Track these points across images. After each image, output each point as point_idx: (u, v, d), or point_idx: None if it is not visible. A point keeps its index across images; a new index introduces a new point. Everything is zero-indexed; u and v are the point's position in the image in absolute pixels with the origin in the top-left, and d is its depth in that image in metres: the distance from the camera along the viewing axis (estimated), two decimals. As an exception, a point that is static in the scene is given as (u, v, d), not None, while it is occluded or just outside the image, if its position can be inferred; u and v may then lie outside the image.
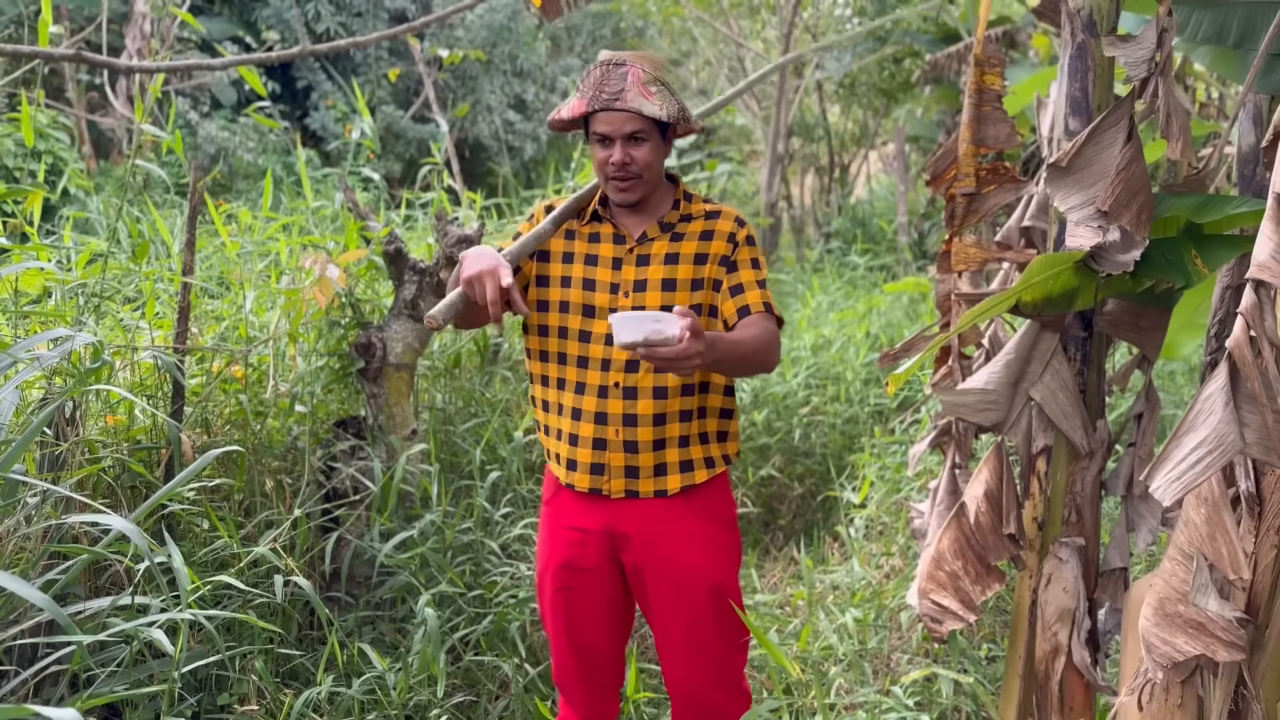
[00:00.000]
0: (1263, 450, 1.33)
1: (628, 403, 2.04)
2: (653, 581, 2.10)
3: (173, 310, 3.05)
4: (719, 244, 2.07)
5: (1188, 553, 1.42)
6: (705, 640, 2.09)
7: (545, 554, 2.17)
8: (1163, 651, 1.45)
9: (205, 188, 2.91)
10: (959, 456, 2.32)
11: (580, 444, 2.07)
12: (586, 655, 2.18)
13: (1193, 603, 1.42)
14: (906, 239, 8.54)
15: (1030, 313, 1.88)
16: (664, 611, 2.10)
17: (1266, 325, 1.32)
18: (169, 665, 2.00)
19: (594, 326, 2.05)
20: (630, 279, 2.05)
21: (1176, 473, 1.34)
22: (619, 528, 2.09)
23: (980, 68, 2.07)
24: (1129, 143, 1.77)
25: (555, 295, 2.09)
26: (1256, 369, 1.30)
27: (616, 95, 1.96)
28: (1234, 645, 1.41)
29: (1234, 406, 1.34)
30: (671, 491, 2.08)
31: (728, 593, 2.11)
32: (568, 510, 2.14)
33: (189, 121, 9.37)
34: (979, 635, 3.15)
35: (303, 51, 3.10)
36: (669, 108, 1.98)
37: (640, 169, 2.01)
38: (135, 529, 1.80)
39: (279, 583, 2.50)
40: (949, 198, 2.20)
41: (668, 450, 2.07)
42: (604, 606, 2.15)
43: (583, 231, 2.11)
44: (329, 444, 3.13)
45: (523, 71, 11.68)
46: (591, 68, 2.03)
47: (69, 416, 2.40)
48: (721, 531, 2.14)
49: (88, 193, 7.15)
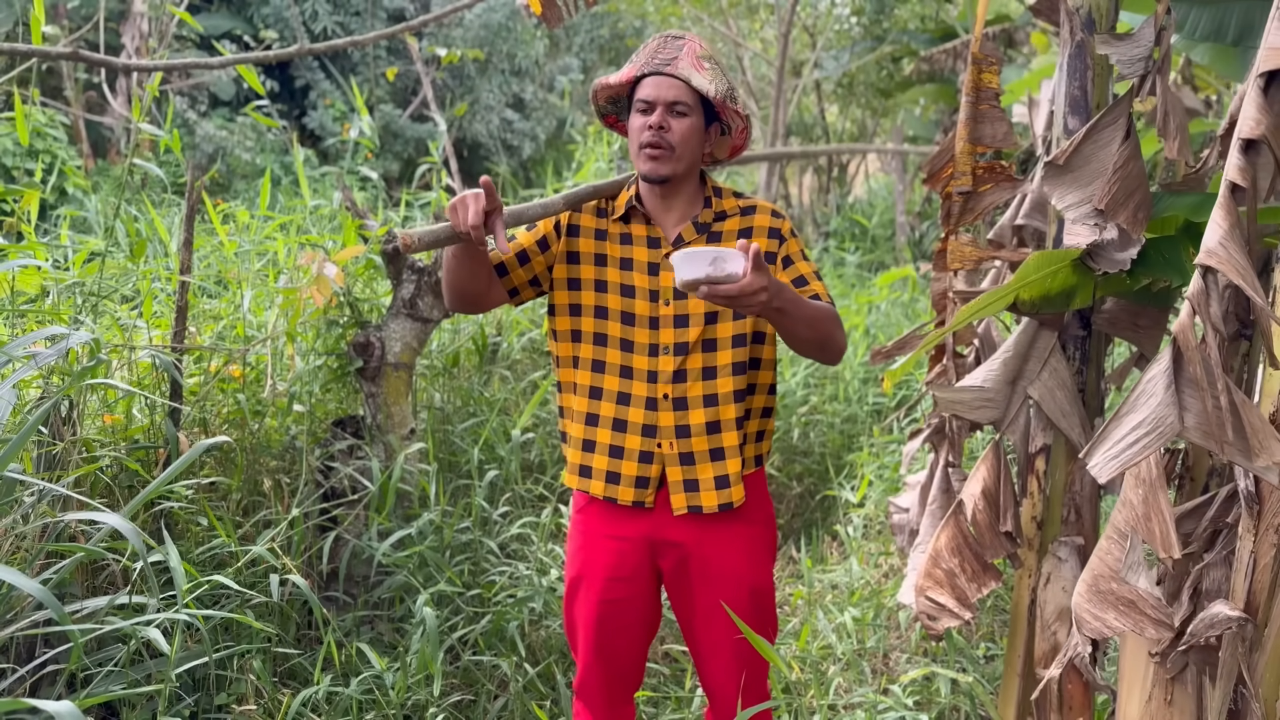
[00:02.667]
0: (1200, 435, 1.34)
1: (679, 414, 1.97)
2: (700, 587, 2.04)
3: (170, 309, 3.05)
4: (760, 241, 1.98)
5: (1124, 531, 1.44)
6: (744, 642, 2.04)
7: (583, 563, 2.09)
8: (1093, 626, 1.48)
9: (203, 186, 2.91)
10: (952, 455, 2.32)
11: (626, 456, 1.99)
12: (616, 663, 2.13)
13: (1124, 580, 1.44)
14: (905, 238, 8.54)
15: (1028, 311, 1.88)
16: (708, 616, 2.06)
17: (1212, 312, 1.33)
18: (166, 665, 1.99)
19: (635, 335, 1.98)
20: (669, 285, 1.97)
21: (1114, 451, 1.36)
22: (663, 535, 2.03)
23: (978, 66, 2.07)
24: (1126, 141, 1.77)
25: (589, 299, 2.01)
26: (1199, 354, 1.31)
27: (668, 62, 1.90)
28: (1162, 624, 1.42)
29: (1175, 390, 1.36)
30: (737, 503, 2.00)
31: (764, 593, 2.08)
32: (606, 519, 2.06)
33: (187, 120, 9.36)
34: (977, 634, 3.15)
35: (301, 50, 3.10)
36: (719, 85, 1.91)
37: (675, 141, 1.91)
38: (130, 525, 1.80)
39: (276, 582, 2.50)
40: (945, 196, 2.20)
41: (728, 460, 1.99)
42: (638, 614, 2.10)
43: (614, 232, 2.02)
44: (327, 443, 3.12)
45: (521, 70, 11.68)
46: (648, 40, 1.98)
47: (66, 415, 2.40)
48: (761, 531, 2.09)
49: (85, 192, 7.14)
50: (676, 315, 1.97)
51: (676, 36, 1.96)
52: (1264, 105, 1.37)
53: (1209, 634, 1.49)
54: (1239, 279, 1.29)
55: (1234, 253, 1.31)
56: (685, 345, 1.97)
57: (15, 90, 2.65)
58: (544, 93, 11.95)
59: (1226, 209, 1.35)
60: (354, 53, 10.94)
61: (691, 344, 1.96)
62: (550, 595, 2.97)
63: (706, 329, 1.97)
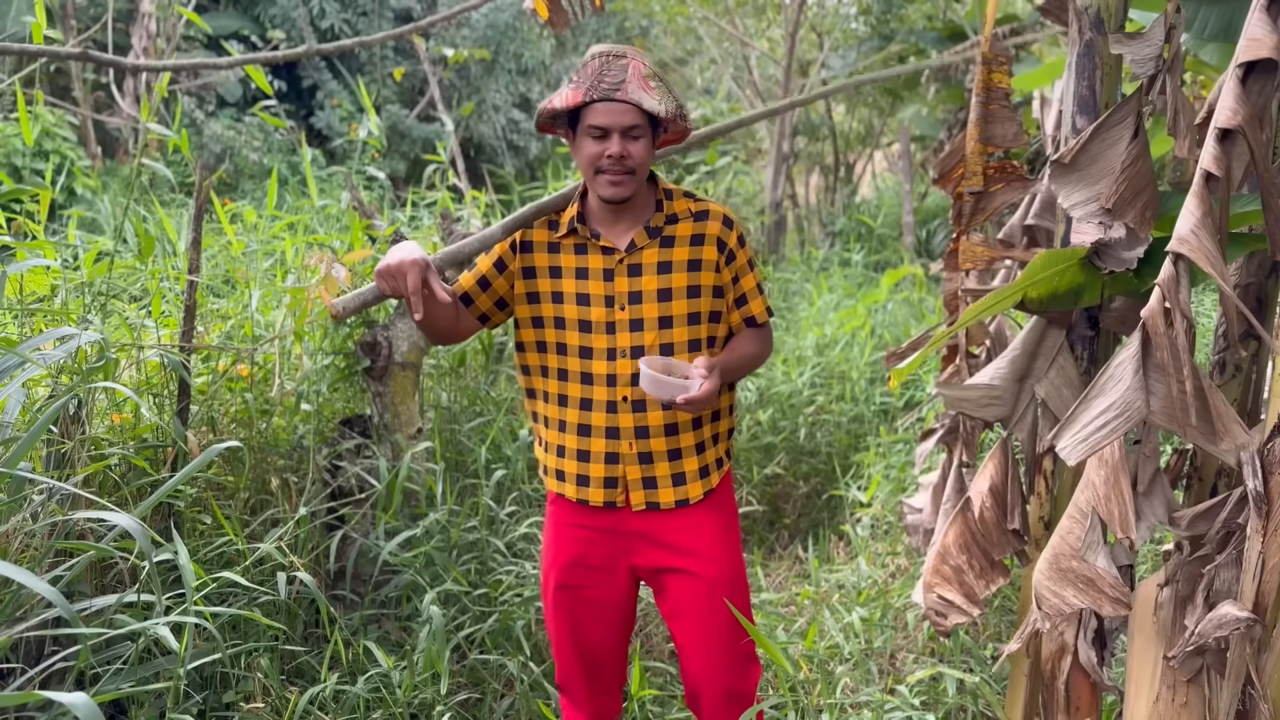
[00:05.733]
0: (1166, 419, 1.37)
1: (638, 415, 2.03)
2: (673, 582, 2.11)
3: (178, 309, 3.06)
4: (710, 250, 2.04)
5: (1085, 511, 1.46)
6: (723, 633, 2.11)
7: (551, 553, 2.16)
8: (1052, 604, 1.50)
9: (211, 186, 2.92)
10: (966, 454, 2.32)
11: (593, 459, 2.05)
12: (590, 654, 2.18)
13: (1083, 558, 1.47)
14: (912, 239, 8.53)
15: (1036, 309, 1.88)
16: (686, 610, 2.11)
17: (1181, 298, 1.35)
18: (175, 663, 2.00)
19: (593, 342, 2.02)
20: (624, 290, 2.01)
21: (1083, 435, 1.38)
22: (629, 529, 2.09)
23: (988, 66, 2.07)
24: (1134, 140, 1.76)
25: (549, 311, 2.06)
26: (1167, 339, 1.33)
27: (617, 86, 1.91)
28: (1119, 602, 1.45)
29: (1143, 375, 1.38)
30: (694, 500, 2.08)
31: (739, 584, 2.14)
32: (575, 512, 2.13)
33: (194, 120, 9.39)
34: (984, 634, 3.14)
35: (309, 51, 3.11)
36: (667, 104, 1.94)
37: (636, 165, 1.95)
38: (138, 524, 1.80)
39: (284, 580, 2.51)
40: (956, 196, 2.20)
41: (684, 459, 2.07)
42: (609, 606, 2.16)
43: (566, 244, 2.06)
44: (334, 442, 3.13)
45: (527, 70, 11.69)
46: (588, 58, 1.98)
47: (75, 414, 2.41)
48: (732, 523, 2.17)
49: (94, 192, 7.17)
50: (632, 320, 2.02)
51: (618, 55, 1.96)
52: (1242, 96, 1.39)
53: (1217, 634, 1.49)
54: (1208, 267, 1.31)
55: (1205, 240, 1.33)
56: (641, 349, 2.01)
57: (19, 89, 2.66)
58: (551, 92, 11.95)
59: (1200, 197, 1.37)
60: (361, 53, 10.96)
61: (648, 347, 2.02)
62: (557, 594, 2.97)
63: (661, 333, 2.02)
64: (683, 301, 2.02)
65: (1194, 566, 1.71)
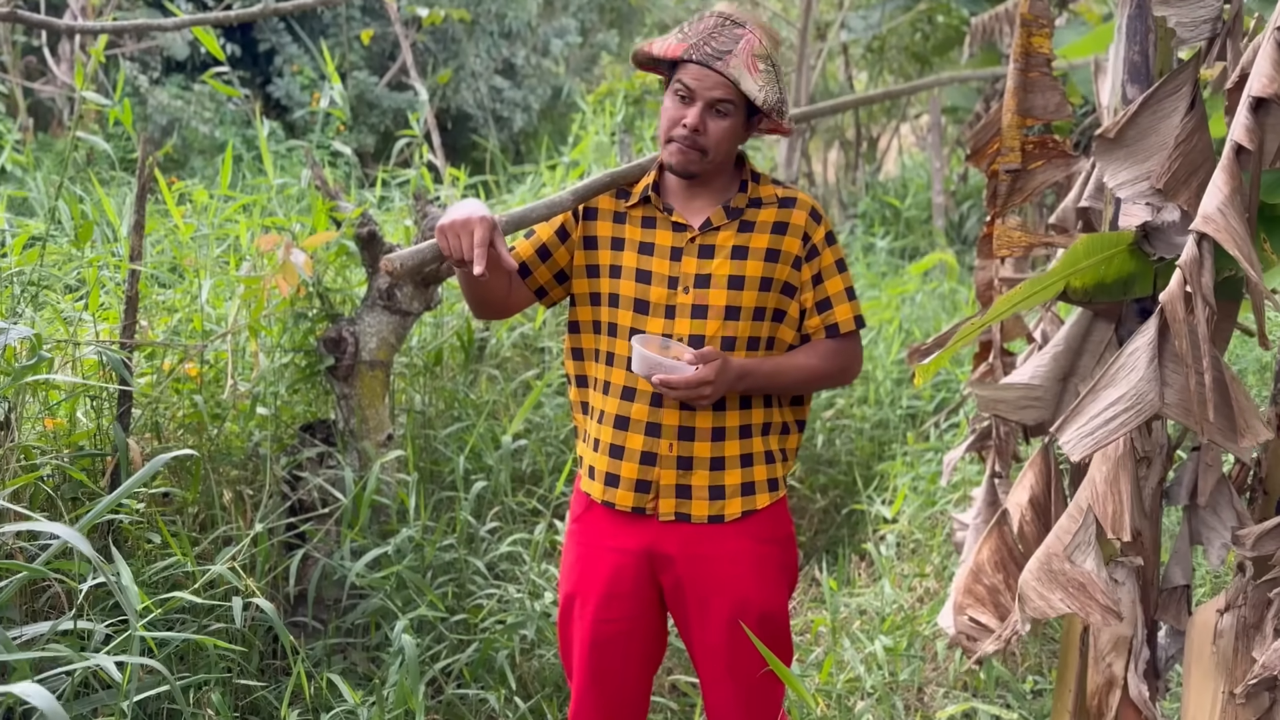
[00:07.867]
0: (1181, 412, 1.38)
1: (684, 414, 2.02)
2: (695, 605, 2.08)
3: (119, 301, 3.06)
4: (792, 241, 2.05)
5: (1082, 509, 1.47)
6: (748, 669, 2.08)
7: (578, 578, 2.13)
8: (1036, 605, 1.52)
9: (156, 163, 2.92)
10: (999, 464, 2.33)
11: (626, 457, 2.04)
12: (615, 693, 2.14)
13: (1069, 559, 1.49)
14: (942, 222, 8.53)
15: (1080, 300, 1.89)
16: (706, 637, 2.09)
17: (1204, 281, 1.35)
18: (116, 697, 2.01)
19: (647, 325, 2.02)
20: (691, 272, 2.02)
21: (1090, 428, 1.40)
22: (660, 549, 2.07)
23: (1027, 29, 2.07)
24: (1190, 112, 1.76)
25: (605, 288, 2.07)
26: (1186, 326, 1.33)
27: (720, 54, 1.92)
28: (1109, 610, 1.47)
29: (1158, 364, 1.39)
30: (730, 518, 2.06)
31: (775, 621, 2.11)
32: (604, 529, 2.11)
33: (138, 89, 9.37)
34: (1023, 666, 3.15)
35: (265, 10, 3.11)
36: (769, 93, 1.94)
37: (709, 145, 1.96)
38: (81, 538, 1.81)
39: (238, 605, 2.51)
40: (991, 174, 2.20)
41: (727, 471, 2.05)
42: (640, 639, 2.13)
43: (634, 215, 2.07)
44: (294, 451, 3.13)
45: (511, 33, 11.68)
46: (705, 14, 1.99)
47: (3, 420, 2.41)
48: (776, 551, 2.13)
49: (24, 169, 7.16)
50: (695, 305, 2.02)
51: (737, 23, 1.96)
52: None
53: (1281, 666, 1.49)
54: (1234, 249, 1.31)
55: (1232, 220, 1.33)
56: (701, 339, 2.01)
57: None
58: (538, 58, 11.93)
59: (1229, 172, 1.37)
60: (325, 13, 10.95)
61: (709, 338, 2.01)
62: (544, 621, 2.98)
63: (726, 324, 2.02)
64: (754, 293, 2.02)
65: (1261, 591, 1.71)
